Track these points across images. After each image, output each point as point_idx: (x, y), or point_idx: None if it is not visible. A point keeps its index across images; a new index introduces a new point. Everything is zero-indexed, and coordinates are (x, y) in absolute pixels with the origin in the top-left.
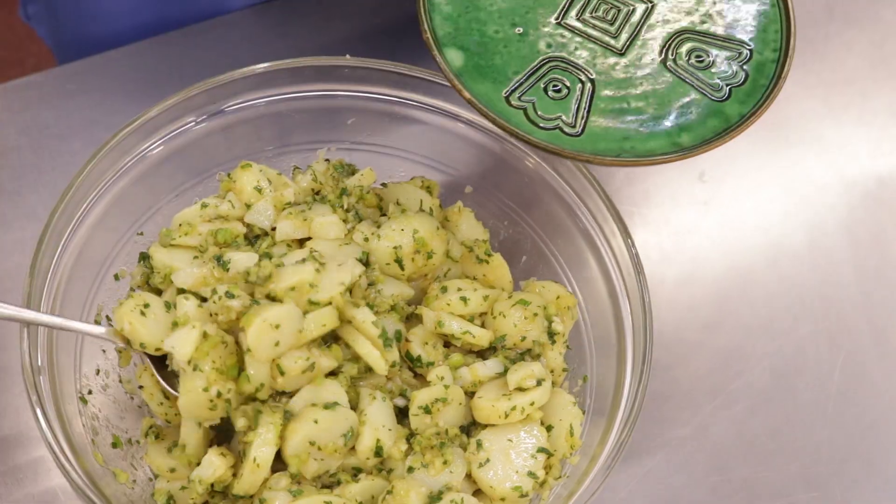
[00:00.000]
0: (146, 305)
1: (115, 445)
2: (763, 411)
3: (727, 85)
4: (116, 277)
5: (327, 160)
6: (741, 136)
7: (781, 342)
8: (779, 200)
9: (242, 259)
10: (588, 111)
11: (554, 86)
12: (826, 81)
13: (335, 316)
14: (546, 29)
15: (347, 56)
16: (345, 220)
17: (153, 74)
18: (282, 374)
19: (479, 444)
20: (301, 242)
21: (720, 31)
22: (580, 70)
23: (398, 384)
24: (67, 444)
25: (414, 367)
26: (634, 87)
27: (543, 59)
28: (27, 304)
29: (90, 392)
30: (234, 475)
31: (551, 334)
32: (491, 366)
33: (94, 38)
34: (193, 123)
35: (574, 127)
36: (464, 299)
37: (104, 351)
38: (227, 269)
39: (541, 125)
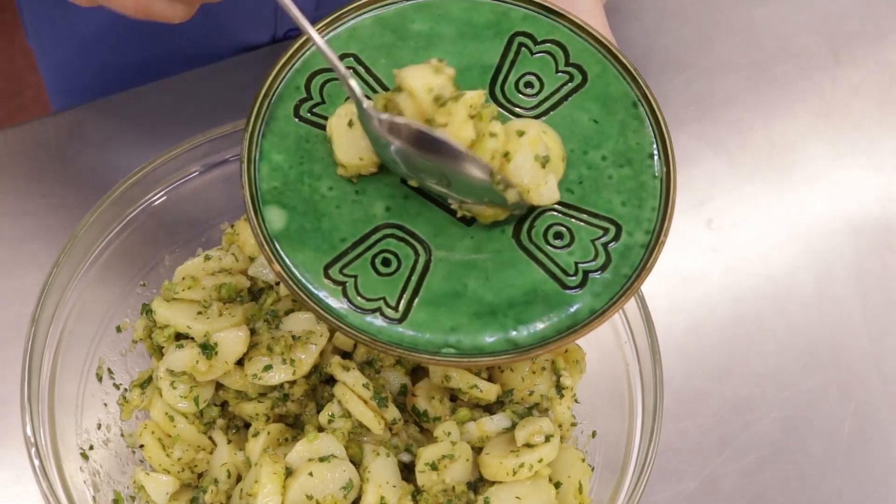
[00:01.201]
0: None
1: (116, 502)
2: (773, 463)
3: (583, 271)
4: (119, 329)
5: None
6: (750, 182)
7: (791, 392)
8: (787, 247)
9: (230, 343)
10: (416, 294)
11: (384, 260)
12: (833, 125)
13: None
14: (388, 188)
15: None
16: None
17: (154, 120)
18: None
19: (486, 502)
20: None
21: (589, 204)
22: (418, 242)
23: (403, 439)
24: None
25: (420, 421)
26: (475, 266)
27: (378, 225)
28: (28, 356)
29: (91, 447)
30: None
31: (559, 388)
32: (498, 421)
33: (88, 75)
34: (197, 173)
35: (396, 311)
36: None
37: (105, 405)
38: (216, 354)
39: (358, 307)
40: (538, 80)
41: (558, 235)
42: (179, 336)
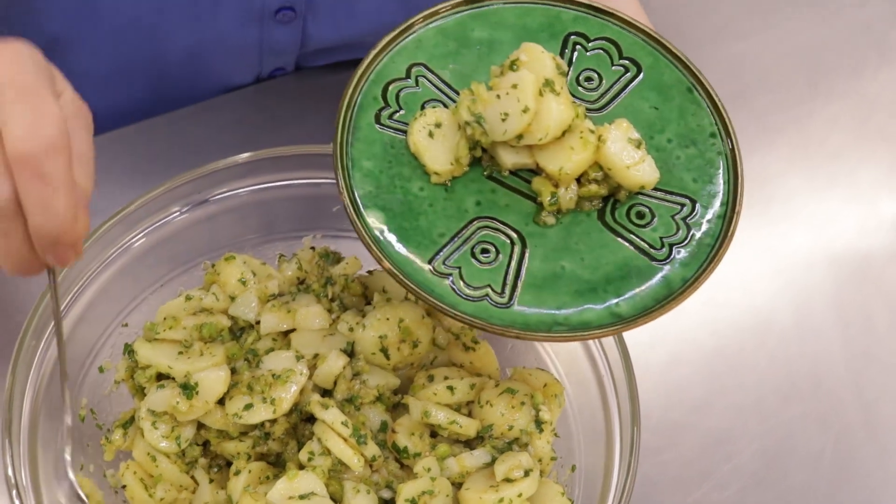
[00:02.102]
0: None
1: None
2: (754, 495)
3: (669, 245)
4: (101, 370)
5: (312, 248)
6: None
7: (771, 423)
8: (766, 279)
9: (211, 383)
10: (518, 279)
11: (483, 250)
12: (811, 158)
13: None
14: (475, 184)
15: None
16: (329, 310)
17: (139, 161)
18: None
19: None
20: (286, 335)
21: (662, 182)
22: (512, 231)
23: (384, 476)
24: None
25: (401, 457)
26: (569, 248)
27: (472, 219)
28: (9, 399)
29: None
30: None
31: (539, 423)
32: (478, 456)
33: None
34: (178, 213)
35: (503, 296)
36: (450, 388)
37: (88, 445)
38: (196, 394)
39: (467, 295)
40: (597, 74)
41: (640, 215)
42: (161, 376)
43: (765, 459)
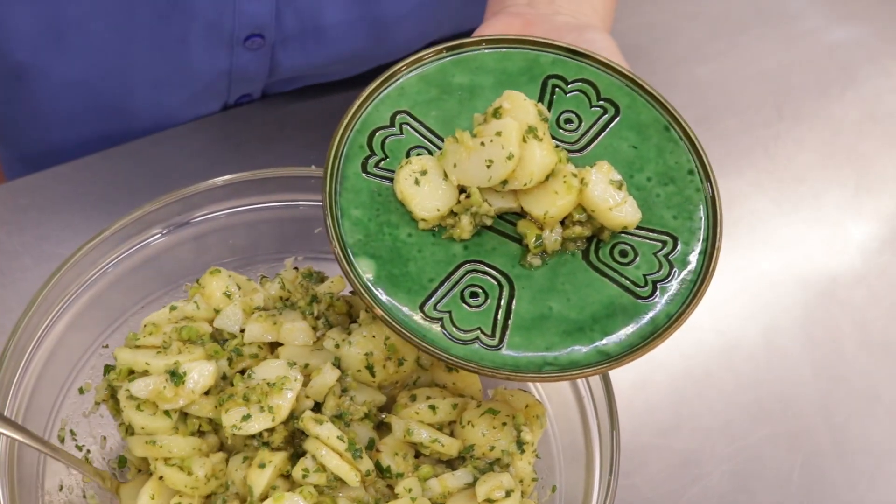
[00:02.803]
0: None
1: None
2: None
3: (653, 282)
4: (81, 391)
5: (296, 269)
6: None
7: (740, 445)
8: (734, 301)
9: (199, 373)
10: (508, 320)
11: (472, 293)
12: (778, 180)
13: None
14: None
15: (313, 167)
16: (314, 328)
17: (105, 188)
18: None
19: None
20: (271, 347)
21: (643, 221)
22: (499, 274)
23: (372, 494)
24: None
25: (384, 476)
26: (555, 289)
27: (460, 263)
28: None
29: None
30: None
31: (520, 444)
32: (460, 476)
33: (39, 149)
34: (159, 235)
35: (493, 339)
36: (433, 408)
37: (67, 467)
38: (182, 383)
39: (458, 339)
40: (576, 116)
41: (623, 253)
42: None
43: (734, 481)
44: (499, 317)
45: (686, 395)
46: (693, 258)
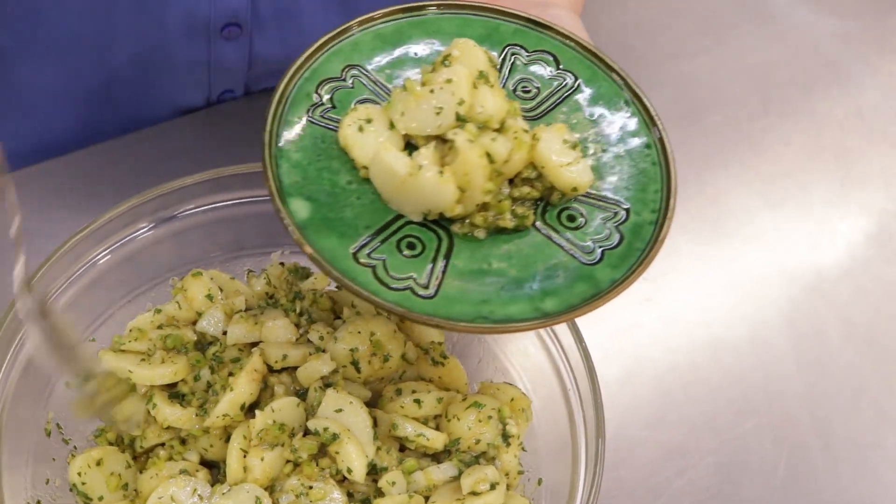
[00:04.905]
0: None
1: None
2: None
3: (600, 247)
4: (67, 385)
5: (282, 263)
6: (682, 232)
7: (725, 438)
8: (720, 295)
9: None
10: (444, 272)
11: (408, 243)
12: (764, 175)
13: None
14: None
15: None
16: (297, 324)
17: (91, 184)
18: None
19: None
20: (252, 346)
21: (596, 189)
22: (440, 227)
23: (358, 488)
24: None
25: (368, 472)
26: (497, 246)
27: (398, 214)
28: None
29: (39, 503)
30: None
31: (506, 437)
32: (445, 469)
33: (24, 143)
34: (145, 229)
35: (427, 288)
36: (418, 402)
37: (54, 459)
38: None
39: (390, 285)
40: (534, 85)
41: (571, 218)
42: None
43: (719, 474)
44: (435, 268)
45: (672, 388)
46: (644, 228)
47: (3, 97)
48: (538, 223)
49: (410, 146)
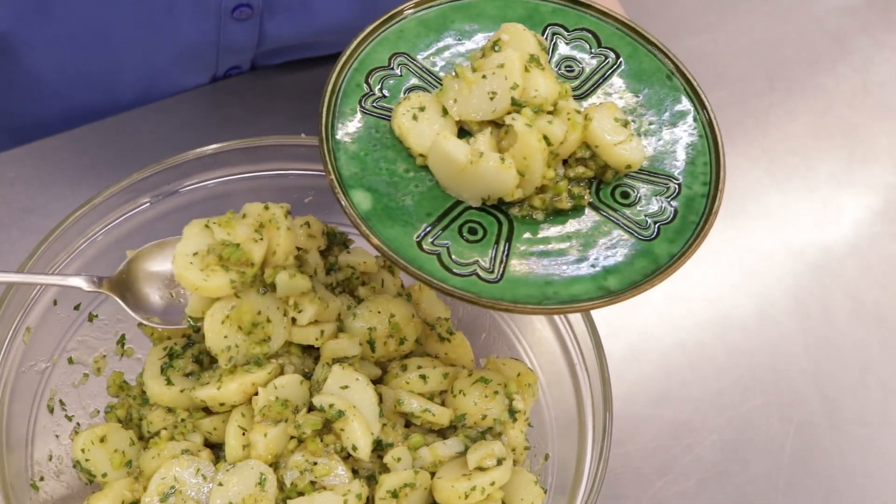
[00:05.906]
0: None
1: None
2: (714, 486)
3: (655, 222)
4: (71, 361)
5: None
6: None
7: (731, 414)
8: (726, 272)
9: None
10: (507, 255)
11: (469, 228)
12: (770, 152)
13: None
14: None
15: (303, 135)
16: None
17: (92, 161)
18: None
19: None
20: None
21: (646, 165)
22: (499, 211)
23: (363, 465)
24: None
25: (374, 448)
26: (555, 227)
27: (458, 200)
28: None
29: (42, 478)
30: None
31: (512, 412)
32: (451, 445)
33: (25, 122)
34: (148, 204)
35: (492, 272)
36: (423, 377)
37: (57, 436)
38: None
39: (455, 271)
40: (577, 63)
41: (625, 195)
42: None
43: (725, 450)
44: (498, 251)
45: (678, 365)
46: (696, 200)
47: (6, 81)
48: (593, 202)
49: (463, 131)
